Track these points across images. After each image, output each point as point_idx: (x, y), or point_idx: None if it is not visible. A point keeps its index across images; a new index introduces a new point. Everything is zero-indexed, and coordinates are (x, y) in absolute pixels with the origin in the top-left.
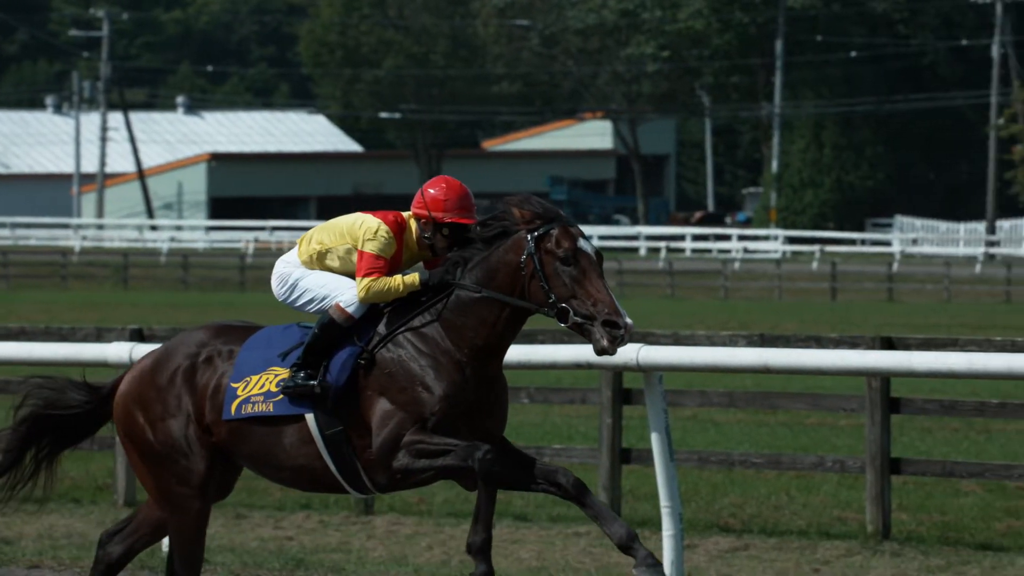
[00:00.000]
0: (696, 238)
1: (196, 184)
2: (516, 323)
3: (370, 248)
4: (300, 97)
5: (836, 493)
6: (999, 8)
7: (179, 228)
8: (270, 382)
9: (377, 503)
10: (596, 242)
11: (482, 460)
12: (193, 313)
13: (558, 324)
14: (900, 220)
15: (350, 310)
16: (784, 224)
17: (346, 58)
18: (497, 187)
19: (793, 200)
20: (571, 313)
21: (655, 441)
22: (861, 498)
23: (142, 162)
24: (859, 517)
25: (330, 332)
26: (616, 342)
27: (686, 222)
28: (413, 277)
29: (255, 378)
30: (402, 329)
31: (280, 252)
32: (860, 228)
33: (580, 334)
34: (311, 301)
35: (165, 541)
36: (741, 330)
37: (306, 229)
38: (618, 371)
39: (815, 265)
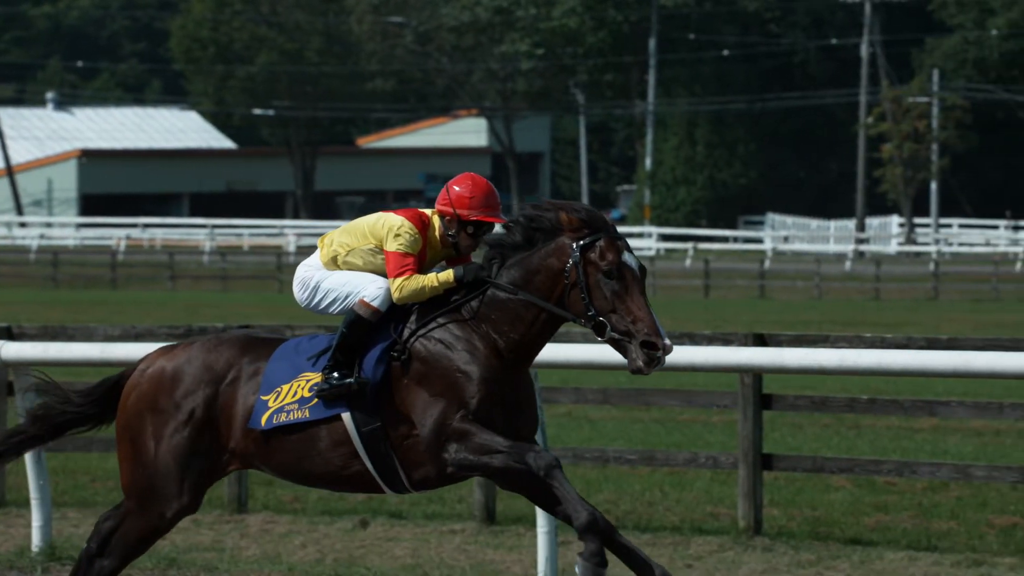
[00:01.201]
0: None
1: (66, 181)
2: (550, 328)
3: (396, 247)
4: (172, 93)
5: (709, 489)
6: (868, 8)
7: (49, 225)
8: (302, 388)
9: (251, 501)
10: None
11: (538, 462)
12: (63, 311)
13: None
14: (772, 218)
15: (375, 303)
16: (657, 222)
17: (219, 54)
18: (372, 185)
19: (666, 198)
20: (608, 328)
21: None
22: (733, 494)
23: (11, 159)
24: (731, 513)
25: (358, 328)
26: (653, 363)
27: None
28: (448, 274)
29: (286, 387)
30: (436, 322)
31: (152, 249)
32: (732, 225)
33: (615, 349)
34: (334, 301)
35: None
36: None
37: (179, 227)
38: None
39: (688, 262)
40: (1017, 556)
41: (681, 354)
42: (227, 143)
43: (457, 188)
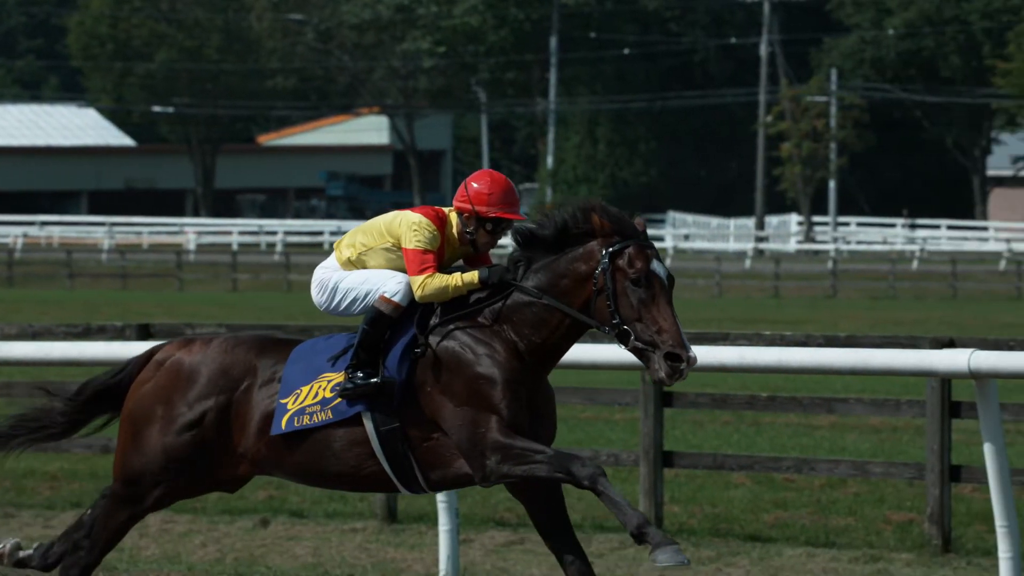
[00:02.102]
0: None
1: None
2: (573, 334)
3: (415, 244)
4: (70, 91)
5: None
6: (767, 7)
7: None
8: (323, 389)
9: None
10: None
11: (583, 471)
12: None
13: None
14: (672, 216)
15: (396, 299)
16: None
17: (117, 51)
18: (272, 182)
19: (568, 196)
20: (632, 337)
21: None
22: (635, 491)
23: None
24: None
25: (379, 326)
26: (675, 375)
27: None
28: (472, 275)
29: (305, 389)
30: (457, 323)
31: (50, 247)
32: None
33: (638, 358)
34: (354, 301)
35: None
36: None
37: (78, 224)
38: None
39: None
40: (913, 552)
41: (583, 352)
42: (126, 140)
43: (475, 184)
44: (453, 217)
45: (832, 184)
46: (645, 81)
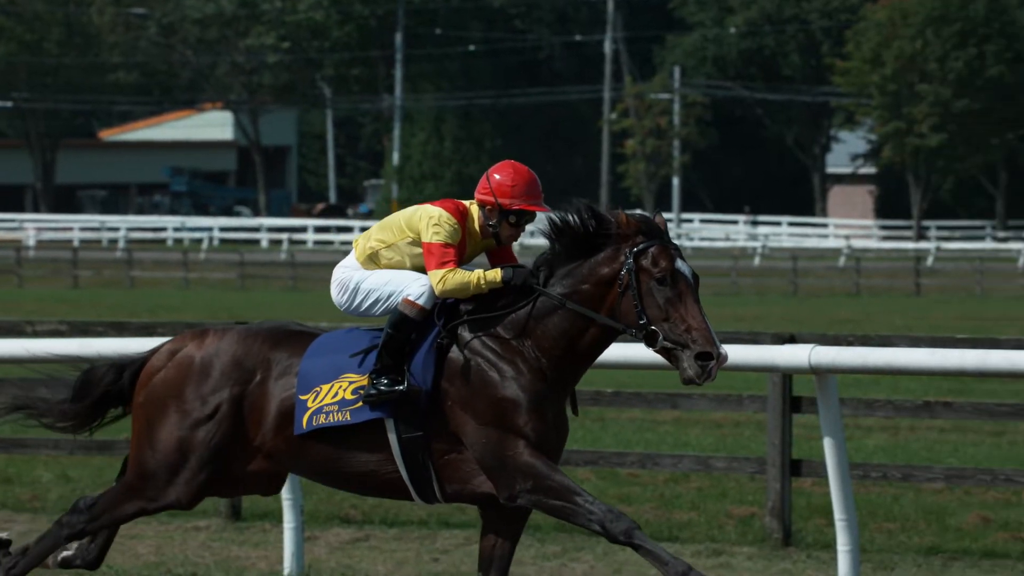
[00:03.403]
0: (318, 230)
1: None
2: (602, 342)
3: (436, 238)
4: None
5: None
6: (611, 5)
7: None
8: (344, 390)
9: None
10: (216, 234)
11: (617, 526)
12: None
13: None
14: None
15: (420, 302)
16: None
17: None
18: (115, 178)
19: (414, 192)
20: (660, 337)
21: None
22: None
23: None
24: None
25: (404, 329)
26: (705, 375)
27: (308, 214)
28: (495, 274)
29: (326, 387)
30: (481, 330)
31: None
32: None
33: (666, 359)
34: (376, 302)
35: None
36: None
37: None
38: None
39: None
40: (755, 545)
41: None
42: None
43: (498, 176)
44: (474, 210)
45: (676, 181)
46: (491, 78)
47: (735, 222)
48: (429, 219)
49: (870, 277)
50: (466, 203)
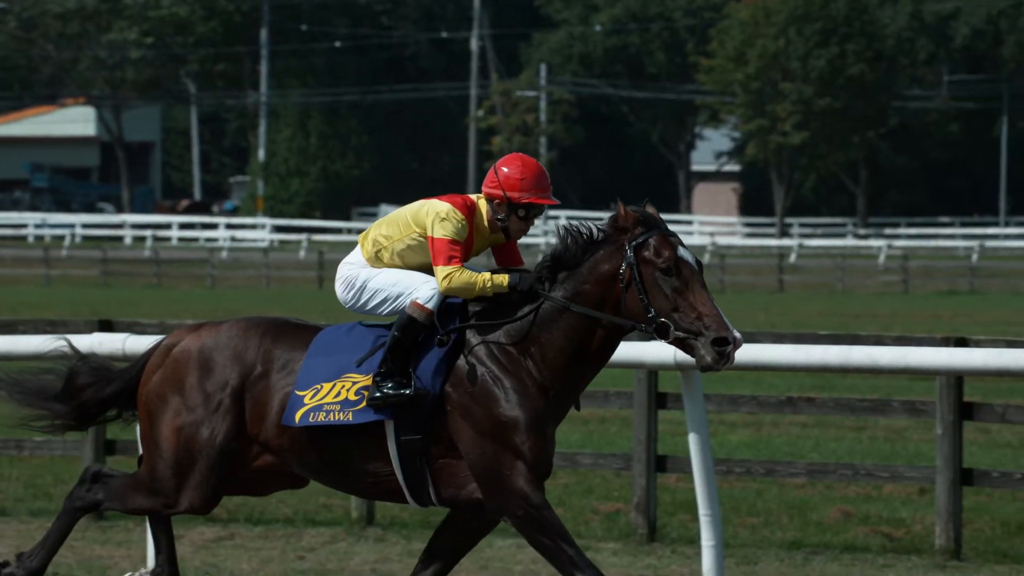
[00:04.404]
0: (183, 227)
1: None
2: (610, 342)
3: (443, 233)
4: None
5: None
6: (477, 2)
7: None
8: (347, 390)
9: None
10: (78, 231)
11: None
12: None
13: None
14: (385, 209)
15: (429, 305)
16: (271, 213)
17: None
18: None
19: (280, 189)
20: (672, 328)
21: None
22: None
23: None
24: (344, 504)
25: (411, 332)
26: (724, 360)
27: (172, 210)
28: (502, 278)
29: (327, 386)
30: (486, 337)
31: None
32: (347, 217)
33: (681, 349)
34: (384, 302)
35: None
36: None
37: None
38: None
39: (302, 254)
40: (620, 541)
41: None
42: None
43: (506, 169)
44: (482, 204)
45: None
46: (357, 74)
47: (601, 219)
48: (436, 214)
49: (734, 274)
50: (474, 197)
